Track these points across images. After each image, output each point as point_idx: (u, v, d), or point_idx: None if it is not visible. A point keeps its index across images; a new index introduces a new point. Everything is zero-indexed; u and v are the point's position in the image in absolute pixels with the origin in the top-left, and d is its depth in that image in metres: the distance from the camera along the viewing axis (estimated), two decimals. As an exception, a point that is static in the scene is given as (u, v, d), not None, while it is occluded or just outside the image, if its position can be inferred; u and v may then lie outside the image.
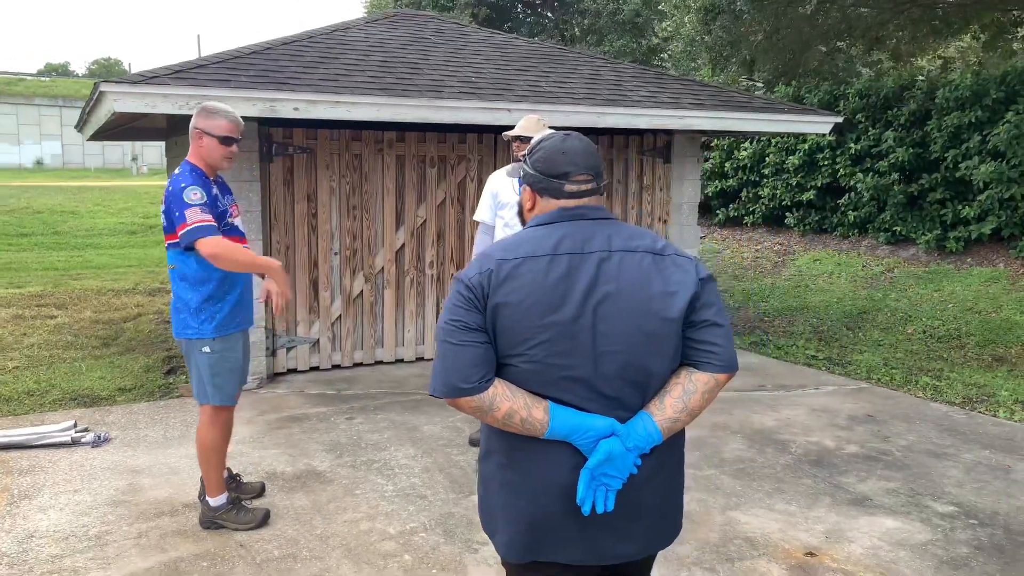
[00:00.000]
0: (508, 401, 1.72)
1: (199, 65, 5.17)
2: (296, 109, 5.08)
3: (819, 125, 7.18)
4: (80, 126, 7.60)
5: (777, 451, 4.59)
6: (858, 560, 3.32)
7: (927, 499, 3.94)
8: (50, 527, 3.53)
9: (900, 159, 9.32)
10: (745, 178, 11.51)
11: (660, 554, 3.30)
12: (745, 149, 11.32)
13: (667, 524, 1.89)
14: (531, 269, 1.73)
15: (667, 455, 1.85)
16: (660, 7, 13.43)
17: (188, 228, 3.10)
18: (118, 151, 42.50)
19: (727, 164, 11.72)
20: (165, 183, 3.56)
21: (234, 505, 3.55)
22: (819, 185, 10.44)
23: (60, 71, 71.71)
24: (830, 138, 10.21)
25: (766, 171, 11.11)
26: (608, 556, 1.82)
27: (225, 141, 3.32)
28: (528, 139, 4.54)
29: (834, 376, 6.30)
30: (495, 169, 6.52)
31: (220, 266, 3.14)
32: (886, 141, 9.53)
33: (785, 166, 10.75)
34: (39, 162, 41.41)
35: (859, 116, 9.97)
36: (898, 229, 9.60)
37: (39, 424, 4.85)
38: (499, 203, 4.65)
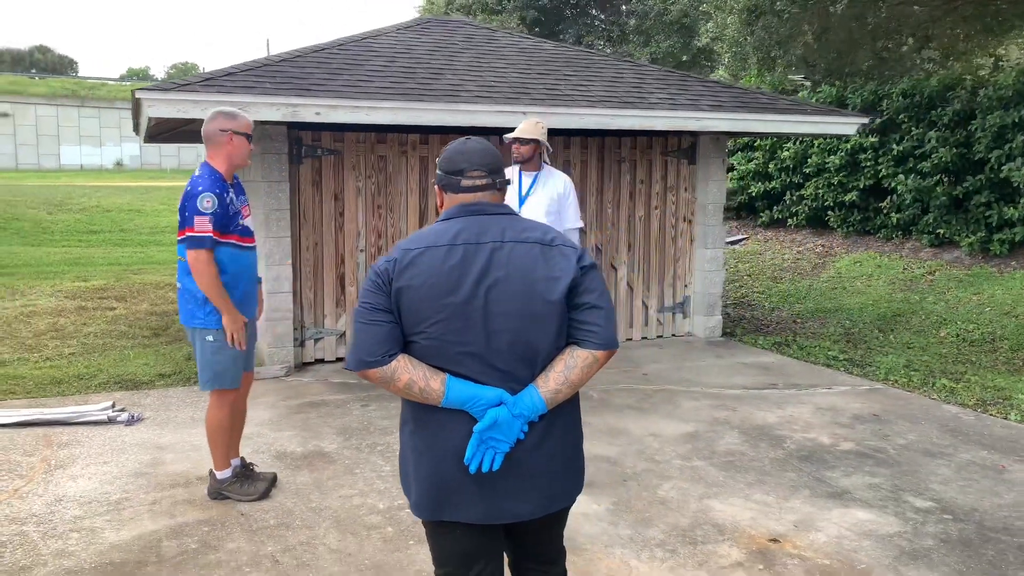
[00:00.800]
0: (408, 373, 1.94)
1: (228, 73, 5.54)
2: (317, 113, 5.40)
3: (845, 126, 7.16)
4: (135, 129, 8.13)
5: (770, 446, 4.67)
6: (819, 548, 3.41)
7: (908, 495, 3.99)
8: (77, 493, 3.90)
9: (943, 160, 9.14)
10: (788, 179, 11.41)
11: (626, 535, 3.47)
12: (787, 149, 11.23)
13: (561, 486, 2.07)
14: (430, 257, 1.95)
15: (555, 423, 2.03)
16: (702, 7, 13.40)
17: (191, 234, 3.42)
18: (192, 152, 44.29)
19: (770, 165, 11.64)
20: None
21: (239, 478, 3.86)
22: (861, 186, 10.29)
23: (141, 75, 74.85)
24: (872, 139, 10.07)
25: (808, 171, 11.01)
26: (505, 515, 2.02)
27: (249, 139, 3.65)
28: (527, 141, 4.76)
29: (851, 377, 6.29)
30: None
31: (193, 277, 3.46)
32: (929, 141, 9.36)
33: (827, 166, 10.64)
34: (119, 163, 43.45)
35: (902, 116, 9.80)
36: (941, 231, 9.41)
37: (82, 404, 5.29)
38: (502, 202, 4.86)
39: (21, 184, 20.62)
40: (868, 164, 10.17)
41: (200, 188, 3.45)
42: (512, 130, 4.87)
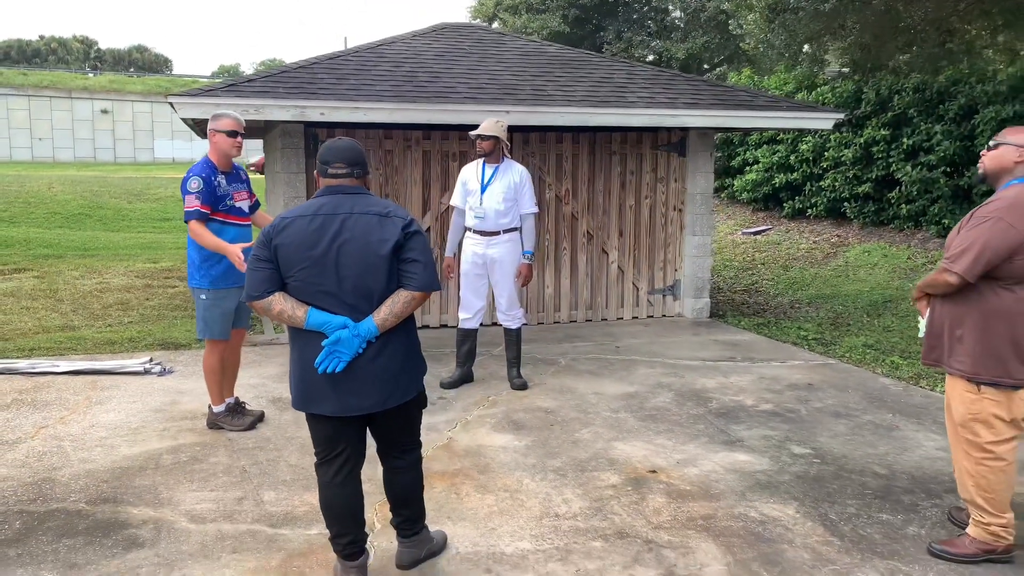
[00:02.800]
0: (280, 304, 2.75)
1: (249, 80, 6.48)
2: (322, 114, 6.26)
3: (821, 121, 7.61)
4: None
5: (695, 405, 5.29)
6: (687, 478, 4.06)
7: (793, 444, 4.57)
8: (107, 421, 4.87)
9: (947, 152, 9.39)
10: (808, 171, 11.75)
11: (531, 463, 4.20)
12: (806, 142, 11.57)
13: (394, 388, 2.84)
14: (298, 224, 2.76)
15: (388, 342, 2.80)
16: (723, 5, 13.74)
17: (185, 210, 4.33)
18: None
19: (792, 157, 11.99)
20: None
21: (231, 412, 4.75)
22: (875, 177, 10.58)
23: (231, 72, 78.11)
24: (885, 133, 10.35)
25: (826, 164, 11.33)
26: (352, 409, 2.80)
27: (231, 135, 4.52)
28: (487, 137, 5.50)
29: (810, 353, 6.79)
30: (509, 162, 7.48)
31: (195, 241, 4.35)
32: (935, 135, 9.62)
33: (842, 159, 10.95)
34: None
35: (912, 111, 10.06)
36: (946, 222, 9.66)
37: (127, 359, 6.32)
38: (467, 190, 5.63)
39: (110, 176, 22.50)
40: (881, 157, 10.46)
41: (190, 174, 4.35)
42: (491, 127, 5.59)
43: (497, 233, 5.54)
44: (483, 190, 5.52)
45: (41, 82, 48.51)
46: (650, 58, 16.24)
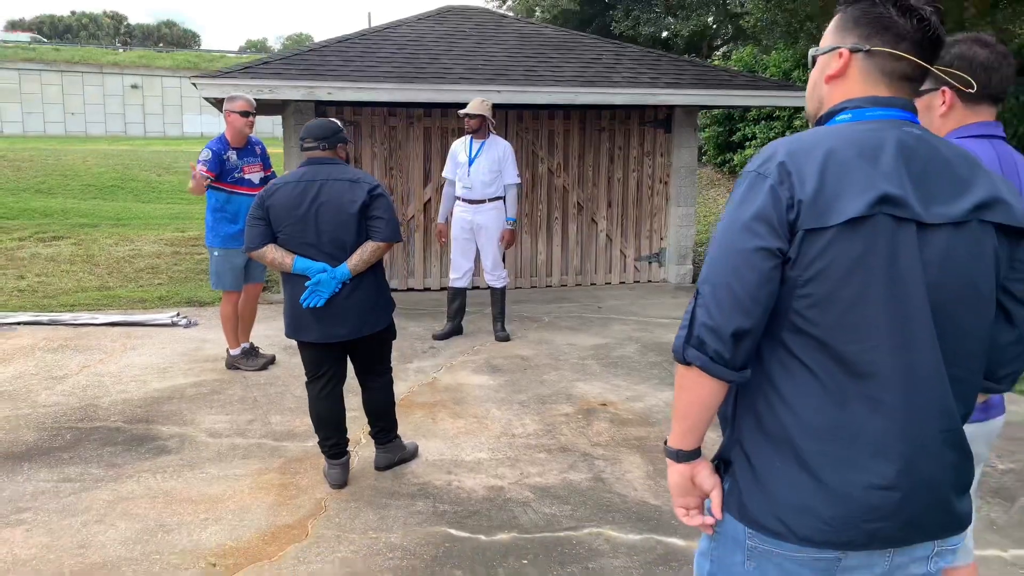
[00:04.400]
0: (272, 254, 3.44)
1: (264, 62, 7.15)
2: (329, 93, 6.93)
3: (795, 100, 8.12)
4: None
5: (656, 354, 5.94)
6: (631, 410, 4.73)
7: (732, 386, 5.20)
8: (140, 362, 5.63)
9: (927, 128, 9.85)
10: (801, 147, 12.23)
11: (501, 397, 4.87)
12: (800, 119, 12.04)
13: (365, 320, 3.52)
14: (285, 189, 3.44)
15: (360, 284, 3.48)
16: (722, -12, 14.20)
17: (193, 174, 5.05)
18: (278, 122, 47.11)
19: (787, 132, 12.46)
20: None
21: (246, 355, 5.49)
22: (861, 153, 11.06)
23: (258, 47, 78.67)
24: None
25: (816, 140, 11.81)
26: (332, 337, 3.49)
27: (243, 114, 5.20)
28: (474, 116, 6.13)
29: (776, 314, 7.38)
30: (505, 138, 8.11)
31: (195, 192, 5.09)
32: (916, 111, 10.07)
33: (830, 135, 11.44)
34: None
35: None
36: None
37: (156, 313, 7.09)
38: (457, 163, 6.28)
39: (140, 150, 23.40)
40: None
41: (205, 148, 5.05)
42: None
43: (483, 202, 6.19)
44: (471, 163, 6.17)
45: (73, 57, 49.61)
46: (664, 34, 16.64)
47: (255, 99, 6.90)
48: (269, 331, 6.46)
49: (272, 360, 5.60)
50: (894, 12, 1.43)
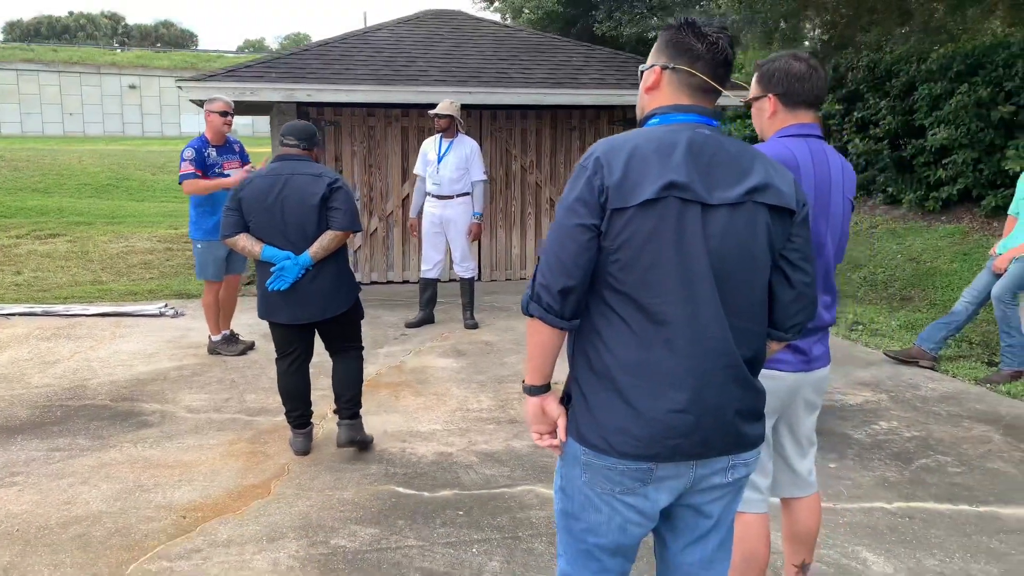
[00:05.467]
0: (244, 242, 3.80)
1: (247, 66, 7.53)
2: (308, 95, 7.30)
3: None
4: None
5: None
6: (580, 389, 5.09)
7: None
8: (127, 349, 6.01)
9: (891, 126, 10.22)
10: (775, 144, 12.59)
11: (462, 377, 5.24)
12: (772, 118, 12.41)
13: (329, 303, 3.86)
14: (257, 182, 3.80)
15: (322, 269, 3.82)
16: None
17: (180, 173, 5.42)
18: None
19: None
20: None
21: (226, 341, 5.86)
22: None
23: (256, 47, 78.84)
24: (839, 107, 11.19)
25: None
26: (298, 318, 3.84)
27: (222, 114, 5.57)
28: (443, 116, 6.50)
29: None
30: (479, 137, 8.49)
31: (194, 195, 5.44)
32: (881, 110, 10.44)
33: (801, 133, 11.80)
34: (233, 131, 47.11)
35: (863, 87, 10.87)
36: (891, 190, 10.50)
37: (147, 305, 7.46)
38: (427, 161, 6.66)
39: (136, 150, 23.76)
40: (836, 129, 11.30)
41: (186, 147, 5.44)
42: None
43: (452, 197, 6.56)
44: (439, 161, 6.54)
45: (71, 58, 49.93)
46: (651, 35, 16.95)
47: (238, 100, 7.31)
48: (251, 319, 6.82)
49: (251, 346, 5.97)
50: (692, 38, 1.82)
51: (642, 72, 1.92)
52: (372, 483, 3.71)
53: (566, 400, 1.90)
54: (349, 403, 4.08)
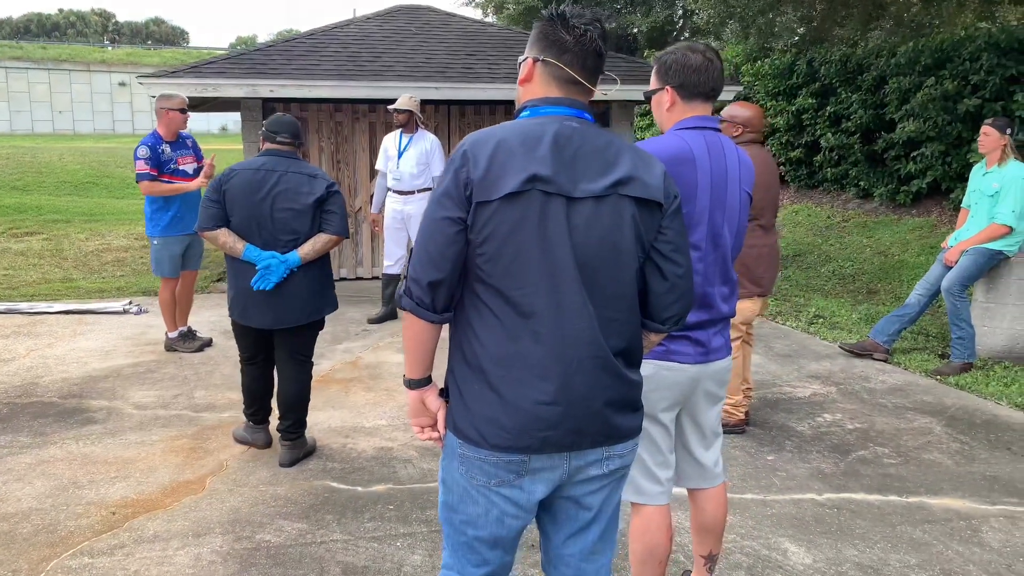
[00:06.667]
0: (224, 237, 3.69)
1: (210, 62, 7.51)
2: (271, 91, 7.29)
3: (724, 93, 8.50)
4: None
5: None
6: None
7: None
8: (85, 346, 6.00)
9: (862, 120, 10.24)
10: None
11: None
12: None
13: (314, 306, 3.76)
14: (245, 175, 3.69)
15: (308, 272, 3.72)
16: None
17: (136, 172, 5.41)
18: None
19: (738, 126, 12.85)
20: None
21: (183, 338, 5.87)
22: (804, 143, 11.45)
23: (248, 44, 78.63)
24: (812, 102, 11.20)
25: (763, 130, 12.19)
26: (282, 322, 3.70)
27: (180, 111, 5.57)
28: (402, 111, 6.50)
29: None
30: (448, 133, 8.49)
31: (151, 195, 5.43)
32: (853, 104, 10.46)
33: (776, 126, 11.82)
34: (223, 128, 46.86)
35: (835, 81, 10.89)
36: (863, 184, 10.53)
37: (112, 302, 7.45)
38: (388, 156, 6.66)
39: (121, 147, 23.69)
40: (809, 124, 11.32)
41: (138, 145, 5.43)
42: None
43: (412, 192, 6.57)
44: (400, 156, 6.54)
45: (60, 55, 49.74)
46: (634, 30, 16.99)
47: (201, 97, 7.29)
48: (213, 316, 6.85)
49: (208, 343, 5.97)
50: (561, 30, 1.82)
51: (519, 65, 1.93)
52: (308, 478, 3.72)
53: (446, 393, 1.91)
54: (295, 425, 3.90)
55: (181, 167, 5.64)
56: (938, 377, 5.30)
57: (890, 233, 9.45)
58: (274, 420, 4.08)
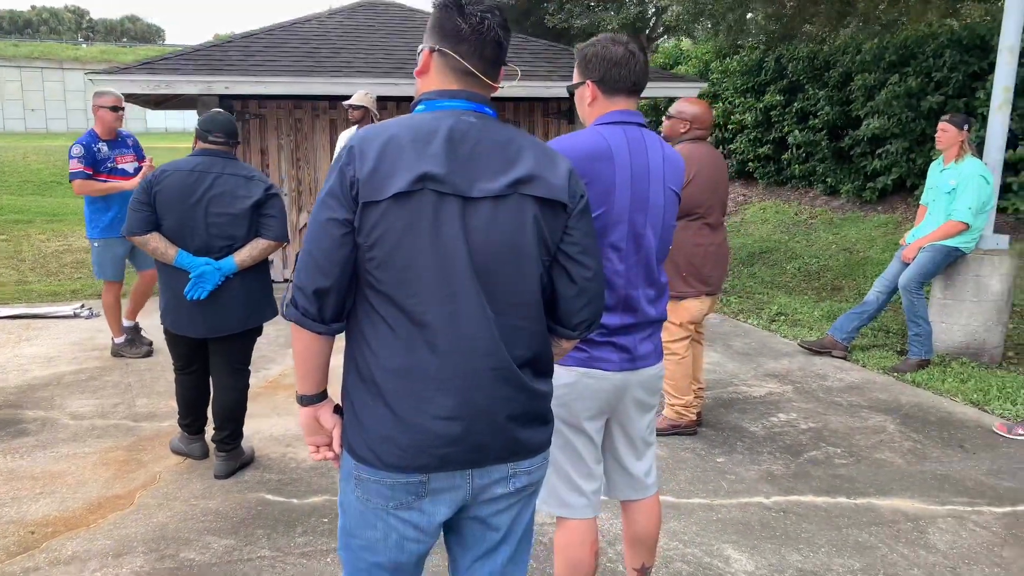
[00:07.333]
0: (155, 242, 3.51)
1: (164, 58, 7.33)
2: (226, 87, 7.13)
3: (688, 89, 8.44)
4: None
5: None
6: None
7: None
8: (29, 352, 5.82)
9: (829, 116, 10.22)
10: (721, 135, 12.57)
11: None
12: (716, 108, 12.38)
13: (251, 315, 3.62)
14: (177, 176, 3.52)
15: (245, 278, 3.58)
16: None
17: (70, 171, 5.25)
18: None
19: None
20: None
21: (129, 343, 5.70)
22: (772, 140, 11.42)
23: (227, 40, 77.69)
24: (780, 98, 11.17)
25: (733, 128, 12.16)
26: (216, 331, 3.55)
27: (113, 109, 5.39)
28: (357, 107, 6.36)
29: (666, 296, 7.71)
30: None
31: (85, 194, 5.27)
32: (819, 101, 10.44)
33: (744, 123, 11.79)
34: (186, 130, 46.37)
35: (802, 78, 10.86)
36: (830, 181, 10.51)
37: (63, 305, 7.26)
38: (342, 154, 6.52)
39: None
40: (777, 121, 11.29)
41: (73, 144, 5.27)
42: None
43: (368, 191, 6.43)
44: (354, 154, 6.41)
45: (32, 53, 48.92)
46: (611, 27, 16.82)
47: (155, 94, 7.12)
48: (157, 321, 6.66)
49: (150, 345, 5.77)
50: (458, 17, 1.70)
51: (419, 54, 1.82)
52: (241, 491, 3.60)
53: (340, 410, 1.80)
54: (231, 436, 3.75)
55: (120, 166, 5.48)
56: (895, 374, 5.25)
57: (856, 230, 9.44)
58: (210, 430, 3.94)
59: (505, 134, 1.70)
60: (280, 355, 5.66)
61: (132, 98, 8.06)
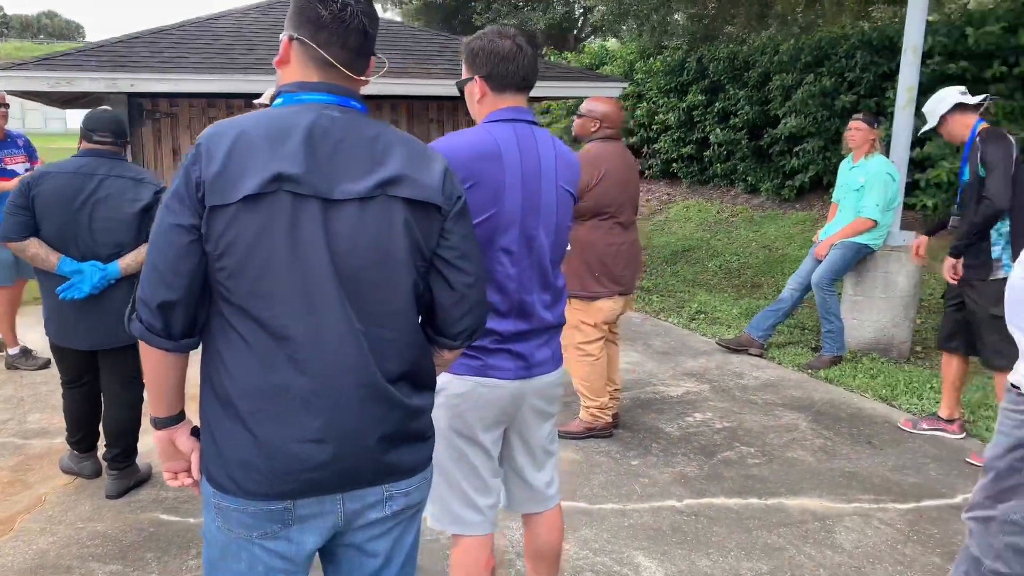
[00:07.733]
0: (35, 248, 3.27)
1: (65, 54, 6.96)
2: (132, 85, 6.80)
3: (610, 89, 8.46)
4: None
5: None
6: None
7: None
8: (-86, 367, 5.44)
9: (748, 116, 10.40)
10: (645, 135, 12.69)
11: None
12: (640, 108, 12.50)
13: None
14: (58, 179, 3.28)
15: (133, 287, 3.36)
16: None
17: None
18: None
19: (631, 121, 12.91)
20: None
21: (23, 354, 5.38)
22: (695, 139, 11.58)
23: (135, 36, 75.48)
24: (702, 98, 11.32)
25: (657, 128, 12.29)
26: (99, 343, 3.35)
27: None
28: (267, 105, 6.15)
29: (591, 296, 7.71)
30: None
31: None
32: (739, 100, 10.62)
33: (668, 123, 11.92)
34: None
35: (723, 78, 11.03)
36: (750, 179, 10.71)
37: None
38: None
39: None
40: (699, 120, 11.44)
41: None
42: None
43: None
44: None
45: (-65, 48, 46.44)
46: (540, 27, 16.84)
47: (54, 91, 6.76)
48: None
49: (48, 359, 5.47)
50: (318, 3, 1.58)
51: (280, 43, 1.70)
52: (134, 511, 3.40)
53: (198, 433, 1.67)
54: (123, 455, 3.55)
55: (9, 167, 5.17)
56: (809, 371, 5.34)
57: (775, 227, 9.63)
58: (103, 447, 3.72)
59: (372, 130, 1.59)
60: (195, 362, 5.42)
61: (36, 96, 7.66)
